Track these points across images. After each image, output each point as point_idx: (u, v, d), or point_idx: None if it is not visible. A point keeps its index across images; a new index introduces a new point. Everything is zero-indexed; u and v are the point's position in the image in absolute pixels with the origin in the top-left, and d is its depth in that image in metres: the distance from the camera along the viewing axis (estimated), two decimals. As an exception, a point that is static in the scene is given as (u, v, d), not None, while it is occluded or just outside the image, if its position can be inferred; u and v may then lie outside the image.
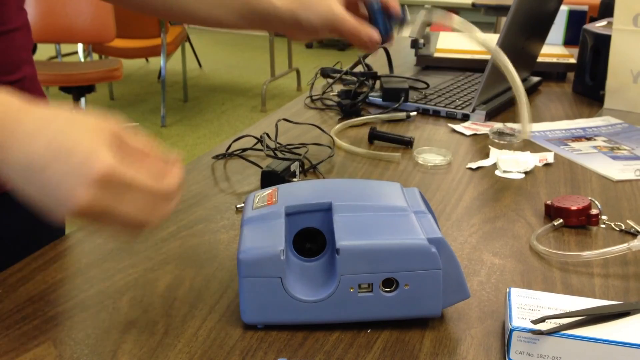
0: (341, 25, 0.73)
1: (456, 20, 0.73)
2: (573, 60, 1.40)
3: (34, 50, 4.24)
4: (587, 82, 1.28)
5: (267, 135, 0.97)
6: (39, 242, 0.69)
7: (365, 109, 1.15)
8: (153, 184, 0.45)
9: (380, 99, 1.17)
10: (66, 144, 0.43)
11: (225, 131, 3.81)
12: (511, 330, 0.50)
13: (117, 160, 0.44)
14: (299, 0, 0.73)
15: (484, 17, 5.15)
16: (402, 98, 1.14)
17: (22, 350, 0.51)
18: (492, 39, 1.61)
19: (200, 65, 5.15)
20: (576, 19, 1.59)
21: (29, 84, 0.74)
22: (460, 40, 1.60)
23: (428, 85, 1.26)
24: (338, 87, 1.24)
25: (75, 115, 0.45)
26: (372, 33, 0.73)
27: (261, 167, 0.84)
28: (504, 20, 1.07)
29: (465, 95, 1.22)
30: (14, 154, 0.44)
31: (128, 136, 0.46)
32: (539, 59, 1.38)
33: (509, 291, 0.54)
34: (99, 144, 0.44)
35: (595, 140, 1.03)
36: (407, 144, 0.98)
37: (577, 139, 1.03)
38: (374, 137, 0.99)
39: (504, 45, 1.08)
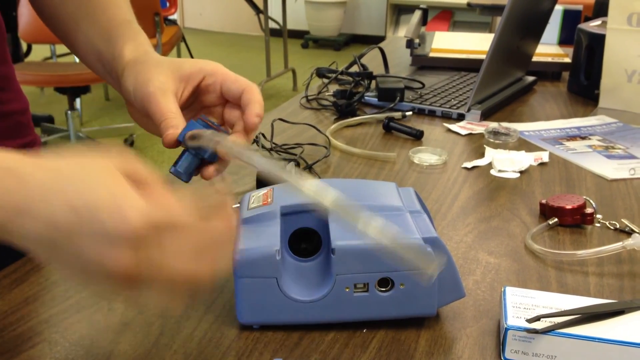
0: (148, 99, 0.53)
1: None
2: (568, 60, 1.40)
3: (28, 51, 4.20)
4: (581, 82, 1.28)
5: (263, 135, 0.97)
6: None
7: (360, 109, 1.15)
8: (197, 224, 0.39)
9: (376, 99, 1.17)
10: (87, 201, 0.37)
11: (221, 131, 3.80)
12: (506, 329, 0.50)
13: (147, 206, 0.37)
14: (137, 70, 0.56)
15: (479, 17, 5.17)
16: (398, 98, 1.14)
17: (17, 351, 0.51)
18: (488, 38, 1.61)
19: (196, 65, 5.12)
20: (571, 19, 1.59)
21: (3, 83, 0.72)
22: (455, 40, 1.60)
23: (423, 85, 1.26)
24: (334, 87, 1.24)
25: (81, 161, 0.39)
26: (171, 130, 0.52)
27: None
28: (499, 20, 1.07)
29: (460, 94, 1.22)
30: (31, 222, 0.37)
31: (144, 172, 0.40)
32: (534, 59, 1.38)
33: (504, 290, 0.54)
34: (122, 192, 0.38)
35: (590, 139, 1.03)
36: (416, 136, 1.01)
37: (572, 138, 1.04)
38: (389, 127, 1.04)
39: (499, 45, 1.08)
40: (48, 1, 0.68)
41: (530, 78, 1.34)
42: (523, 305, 0.52)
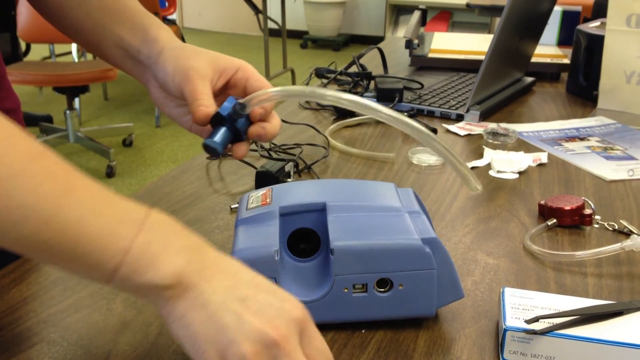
0: (187, 81, 0.58)
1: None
2: (567, 61, 1.40)
3: (27, 50, 4.19)
4: (580, 83, 1.28)
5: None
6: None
7: (359, 109, 1.15)
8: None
9: (375, 99, 1.17)
10: (270, 285, 0.44)
11: (219, 131, 3.79)
12: (505, 330, 0.50)
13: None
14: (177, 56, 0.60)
15: (478, 18, 5.17)
16: (397, 98, 1.15)
17: (16, 351, 0.51)
18: (487, 39, 1.61)
19: (194, 65, 5.11)
20: (570, 20, 1.59)
21: None
22: (454, 41, 1.60)
23: (422, 86, 1.26)
24: (333, 88, 1.24)
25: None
26: (202, 108, 0.56)
27: (255, 168, 0.84)
28: (498, 21, 1.07)
29: (459, 95, 1.22)
30: (213, 282, 0.42)
31: (313, 330, 0.44)
32: (533, 59, 1.38)
33: (503, 291, 0.54)
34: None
35: (588, 140, 1.03)
36: None
37: (571, 139, 1.04)
38: None
39: (498, 45, 1.09)
40: None
41: (529, 79, 1.34)
42: (522, 306, 0.52)
